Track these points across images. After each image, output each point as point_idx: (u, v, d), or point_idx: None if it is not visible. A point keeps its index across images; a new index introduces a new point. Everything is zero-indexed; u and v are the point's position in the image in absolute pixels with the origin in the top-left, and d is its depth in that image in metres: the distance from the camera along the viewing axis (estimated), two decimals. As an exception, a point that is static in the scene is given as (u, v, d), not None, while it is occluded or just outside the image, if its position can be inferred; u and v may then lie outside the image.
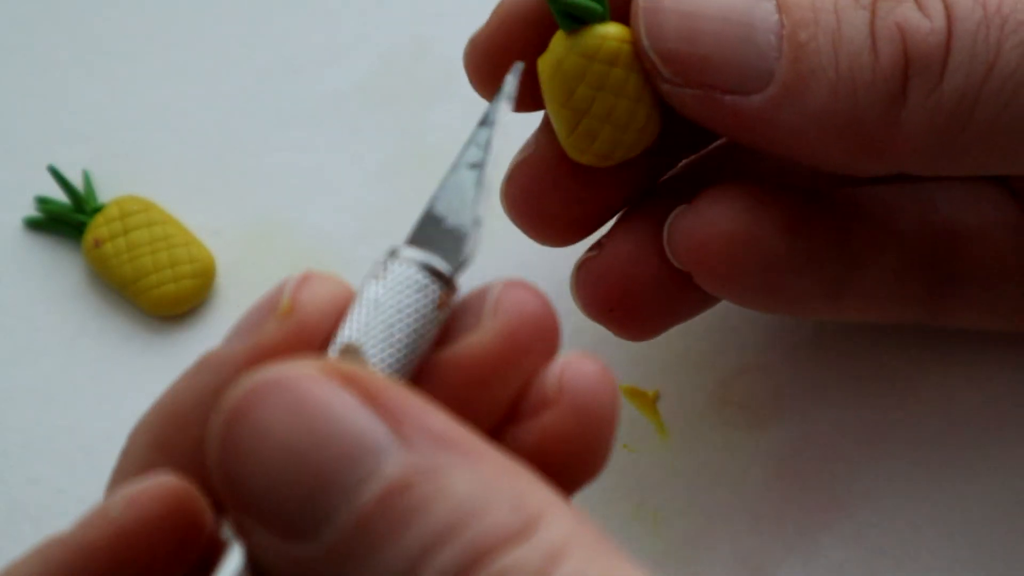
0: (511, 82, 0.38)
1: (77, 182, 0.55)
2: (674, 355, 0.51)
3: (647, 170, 0.47)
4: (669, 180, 0.48)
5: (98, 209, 0.54)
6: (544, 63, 0.43)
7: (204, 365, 0.36)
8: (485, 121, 0.37)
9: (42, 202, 0.55)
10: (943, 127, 0.41)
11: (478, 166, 0.36)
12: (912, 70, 0.40)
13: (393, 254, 0.34)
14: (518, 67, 0.39)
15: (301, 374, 0.32)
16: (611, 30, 0.43)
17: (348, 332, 0.34)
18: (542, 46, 0.44)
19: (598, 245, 0.47)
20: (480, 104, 0.45)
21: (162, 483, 0.33)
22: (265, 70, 0.57)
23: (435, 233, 0.35)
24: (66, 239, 0.55)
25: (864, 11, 0.41)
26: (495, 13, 0.45)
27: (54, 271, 0.55)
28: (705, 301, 0.47)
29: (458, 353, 0.34)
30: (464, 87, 0.47)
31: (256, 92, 0.57)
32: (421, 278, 0.34)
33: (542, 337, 0.35)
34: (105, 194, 0.55)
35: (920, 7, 0.41)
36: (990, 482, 0.49)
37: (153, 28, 0.58)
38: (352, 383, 0.32)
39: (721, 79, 0.42)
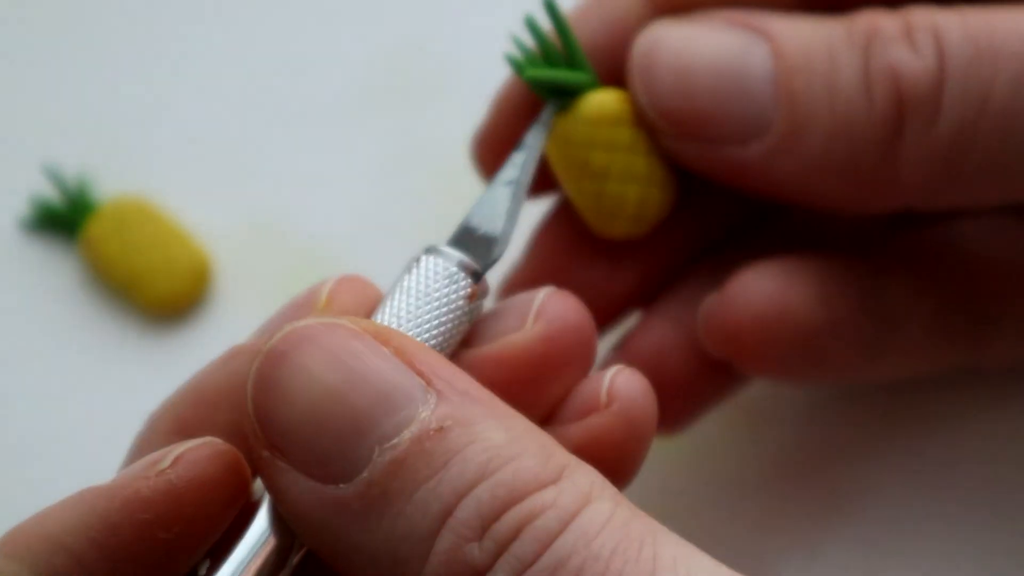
0: (548, 111, 0.42)
1: (73, 182, 0.55)
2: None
3: (666, 251, 0.46)
4: (685, 273, 0.47)
5: (93, 208, 0.54)
6: (551, 146, 0.43)
7: (236, 354, 0.37)
8: (521, 145, 0.40)
9: (37, 202, 0.55)
10: (941, 164, 0.41)
11: (512, 183, 0.39)
12: (907, 111, 0.40)
13: (428, 250, 0.37)
14: (554, 103, 0.42)
15: (339, 324, 0.33)
16: (606, 94, 0.43)
17: (379, 317, 0.36)
18: None
19: (619, 347, 0.46)
20: (476, 103, 0.45)
21: (214, 445, 0.34)
22: (264, 70, 0.57)
23: (469, 240, 0.37)
24: (61, 239, 0.55)
25: (858, 52, 0.41)
26: (491, 107, 0.45)
27: (49, 271, 0.55)
28: (737, 384, 0.47)
29: (499, 350, 0.36)
30: (463, 87, 0.47)
31: (255, 92, 0.56)
32: (451, 268, 0.36)
33: (581, 346, 0.37)
34: (101, 193, 0.55)
35: (912, 46, 0.41)
36: (991, 482, 0.49)
37: (152, 28, 0.58)
38: (385, 340, 0.33)
39: (719, 131, 0.42)
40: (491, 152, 0.45)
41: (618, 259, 0.45)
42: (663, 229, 0.45)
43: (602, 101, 0.43)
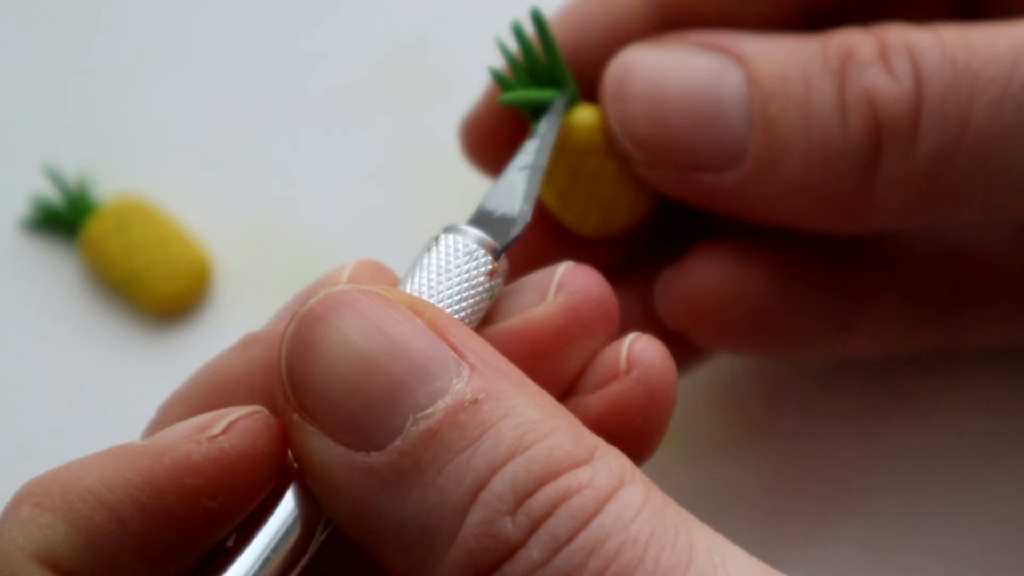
0: (560, 101, 0.41)
1: (73, 182, 0.55)
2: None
3: (640, 236, 0.46)
4: (654, 242, 0.47)
5: (93, 208, 0.54)
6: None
7: (252, 341, 0.36)
8: (534, 134, 0.40)
9: (37, 202, 0.55)
10: (919, 188, 0.41)
11: (527, 168, 0.39)
12: (884, 136, 0.40)
13: (447, 228, 0.36)
14: (567, 91, 0.42)
15: (375, 292, 0.33)
16: (583, 117, 0.43)
17: None
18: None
19: None
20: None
21: (265, 416, 0.33)
22: (265, 69, 0.57)
23: (486, 221, 0.37)
24: (61, 239, 0.55)
25: (833, 77, 0.41)
26: (484, 96, 0.45)
27: (49, 271, 0.54)
28: (700, 356, 0.47)
29: (522, 323, 0.36)
30: (463, 87, 0.47)
31: (255, 91, 0.56)
32: (471, 245, 0.36)
33: (603, 317, 0.37)
34: (101, 193, 0.55)
35: (888, 69, 0.40)
36: (991, 482, 0.49)
37: (151, 28, 0.58)
38: (418, 311, 0.33)
39: (694, 159, 0.42)
40: (477, 139, 0.46)
41: (588, 241, 0.46)
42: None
43: (571, 127, 0.42)
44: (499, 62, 0.44)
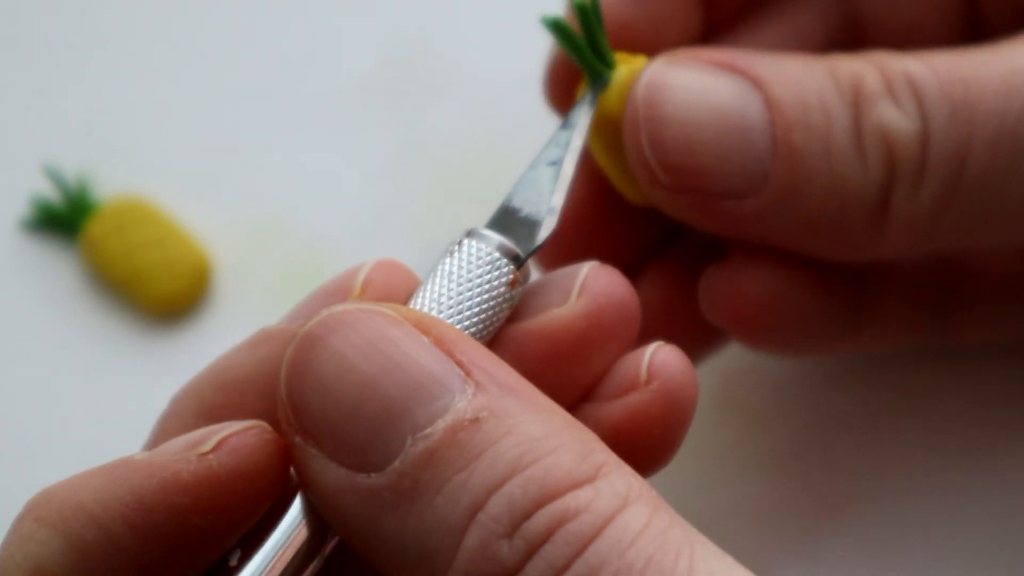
0: (593, 91, 0.40)
1: (73, 182, 0.55)
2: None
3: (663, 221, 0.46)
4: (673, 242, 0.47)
5: (93, 208, 0.54)
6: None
7: (265, 338, 0.36)
8: (566, 124, 0.39)
9: (37, 202, 0.55)
10: (922, 226, 0.41)
11: (557, 163, 0.38)
12: (897, 175, 0.40)
13: (469, 233, 0.36)
14: (602, 80, 0.41)
15: (377, 310, 0.32)
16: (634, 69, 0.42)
17: (418, 302, 0.35)
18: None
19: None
20: (477, 102, 0.45)
21: (260, 433, 0.33)
22: (265, 69, 0.57)
23: (510, 222, 0.37)
24: (61, 239, 0.55)
25: (849, 109, 0.40)
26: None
27: (49, 271, 0.55)
28: (723, 340, 0.47)
29: (542, 325, 0.36)
30: (464, 86, 0.47)
31: (256, 91, 0.56)
32: (494, 254, 0.35)
33: (625, 322, 0.36)
34: (101, 193, 0.55)
35: (897, 103, 0.40)
36: (991, 481, 0.49)
37: (151, 27, 0.58)
38: (425, 329, 0.33)
39: (721, 186, 0.41)
40: (559, 83, 0.45)
41: (625, 227, 0.46)
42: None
43: (631, 78, 0.42)
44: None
